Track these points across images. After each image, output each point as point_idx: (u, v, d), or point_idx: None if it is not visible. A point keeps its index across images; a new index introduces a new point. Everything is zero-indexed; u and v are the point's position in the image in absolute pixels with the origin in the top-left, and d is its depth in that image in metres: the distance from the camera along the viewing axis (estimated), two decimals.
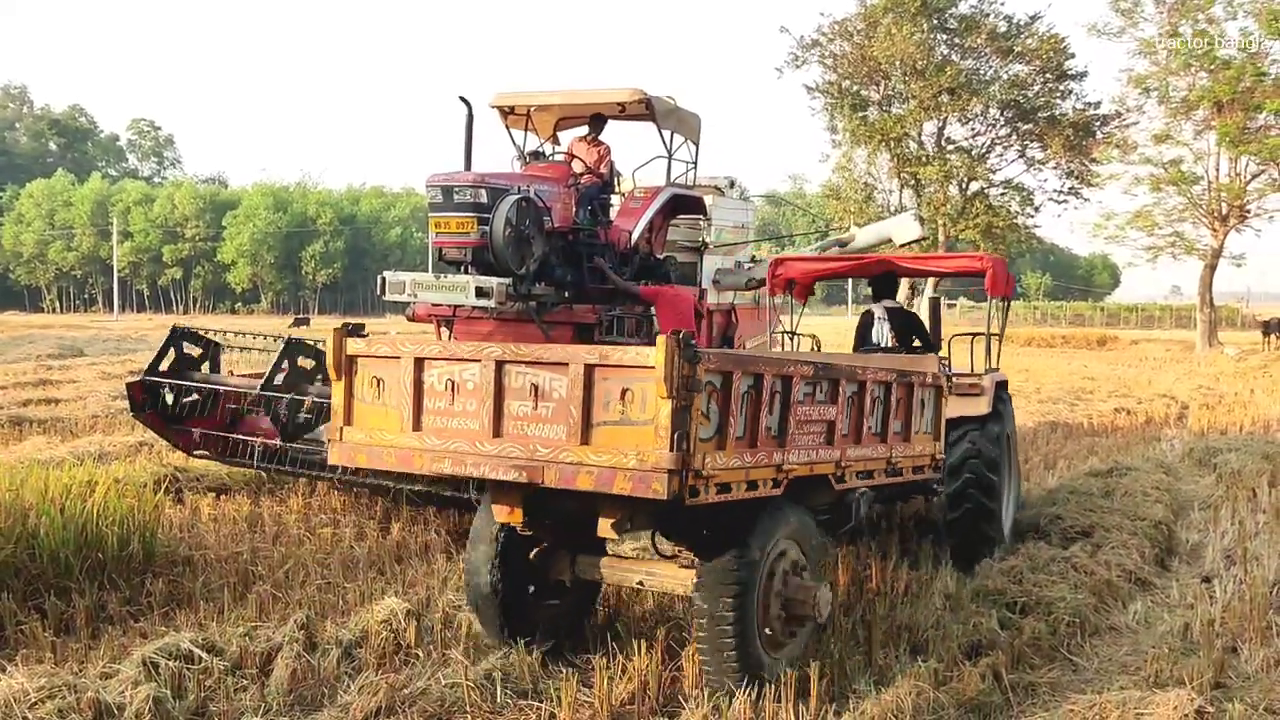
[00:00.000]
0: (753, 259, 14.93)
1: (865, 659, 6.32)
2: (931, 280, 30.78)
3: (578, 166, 11.88)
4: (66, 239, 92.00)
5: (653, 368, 4.86)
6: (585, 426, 5.08)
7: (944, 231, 41.71)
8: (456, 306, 10.93)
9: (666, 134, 12.12)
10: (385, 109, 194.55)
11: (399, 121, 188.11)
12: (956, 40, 41.83)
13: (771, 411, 5.39)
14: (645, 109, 11.69)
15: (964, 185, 42.98)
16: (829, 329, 10.78)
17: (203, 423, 9.97)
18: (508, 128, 12.45)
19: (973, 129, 43.18)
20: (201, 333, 10.48)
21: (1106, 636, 7.13)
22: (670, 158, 12.27)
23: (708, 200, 13.05)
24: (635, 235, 11.68)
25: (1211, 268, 43.53)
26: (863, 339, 9.76)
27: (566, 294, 11.18)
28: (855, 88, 42.63)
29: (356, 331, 5.72)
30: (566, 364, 5.14)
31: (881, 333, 9.57)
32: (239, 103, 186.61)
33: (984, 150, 43.15)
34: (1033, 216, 44.01)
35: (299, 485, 10.34)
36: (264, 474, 10.43)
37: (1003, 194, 43.61)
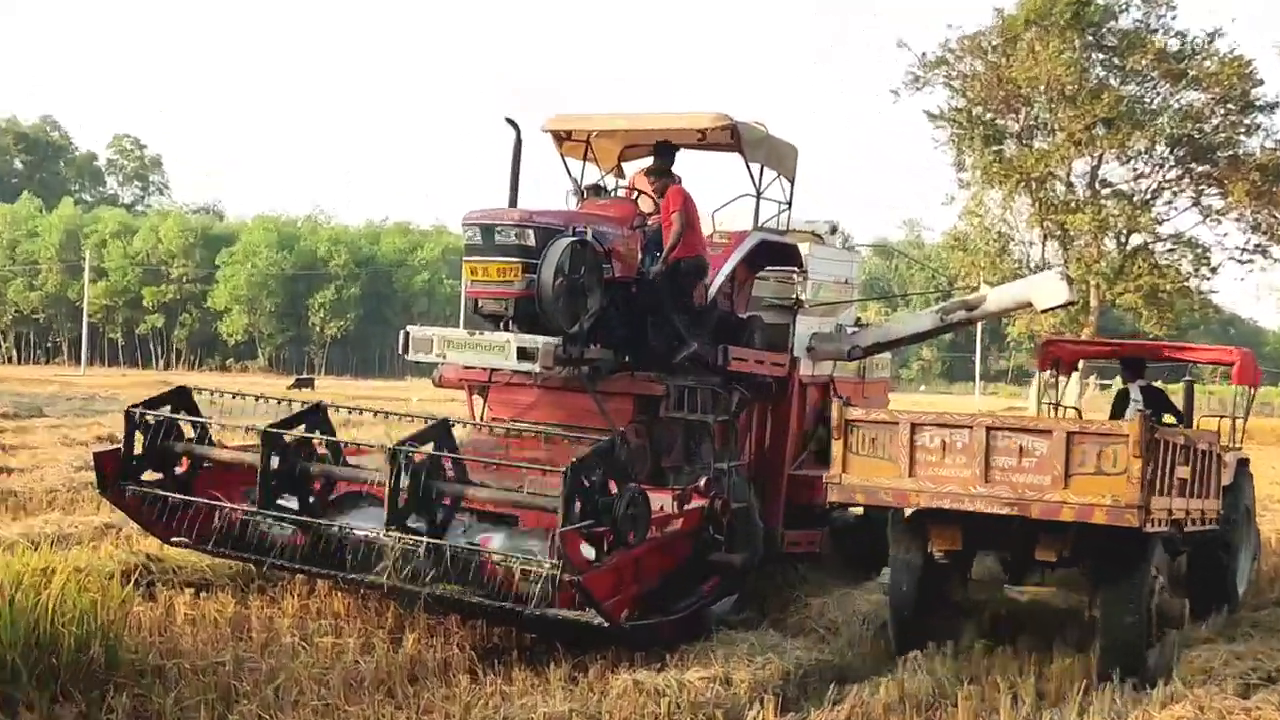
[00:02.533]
0: (857, 322, 14.91)
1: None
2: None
3: (645, 204, 11.99)
4: (29, 275, 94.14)
5: (1127, 435, 8.84)
6: (1066, 475, 8.93)
7: (1097, 295, 41.25)
8: (494, 370, 11.03)
9: (755, 168, 12.21)
10: (414, 132, 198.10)
11: (430, 147, 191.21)
12: (1116, 61, 41.72)
13: (1174, 469, 9.38)
14: (730, 137, 11.80)
15: (1122, 238, 42.60)
16: (957, 406, 10.92)
17: (182, 502, 10.10)
18: (563, 156, 12.63)
19: (1134, 169, 42.86)
20: (208, 395, 10.74)
21: None
22: (759, 196, 12.35)
23: (803, 249, 13.08)
24: (713, 289, 11.73)
25: None
26: (1117, 414, 12.94)
27: (627, 358, 11.23)
28: (989, 116, 42.61)
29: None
30: (1050, 431, 9.17)
31: (1133, 410, 12.40)
32: (240, 121, 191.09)
33: (1148, 196, 42.79)
34: (1209, 279, 43.48)
35: (295, 584, 10.42)
36: (253, 568, 10.54)
37: (1171, 250, 43.17)
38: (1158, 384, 13.90)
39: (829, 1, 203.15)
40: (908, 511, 10.27)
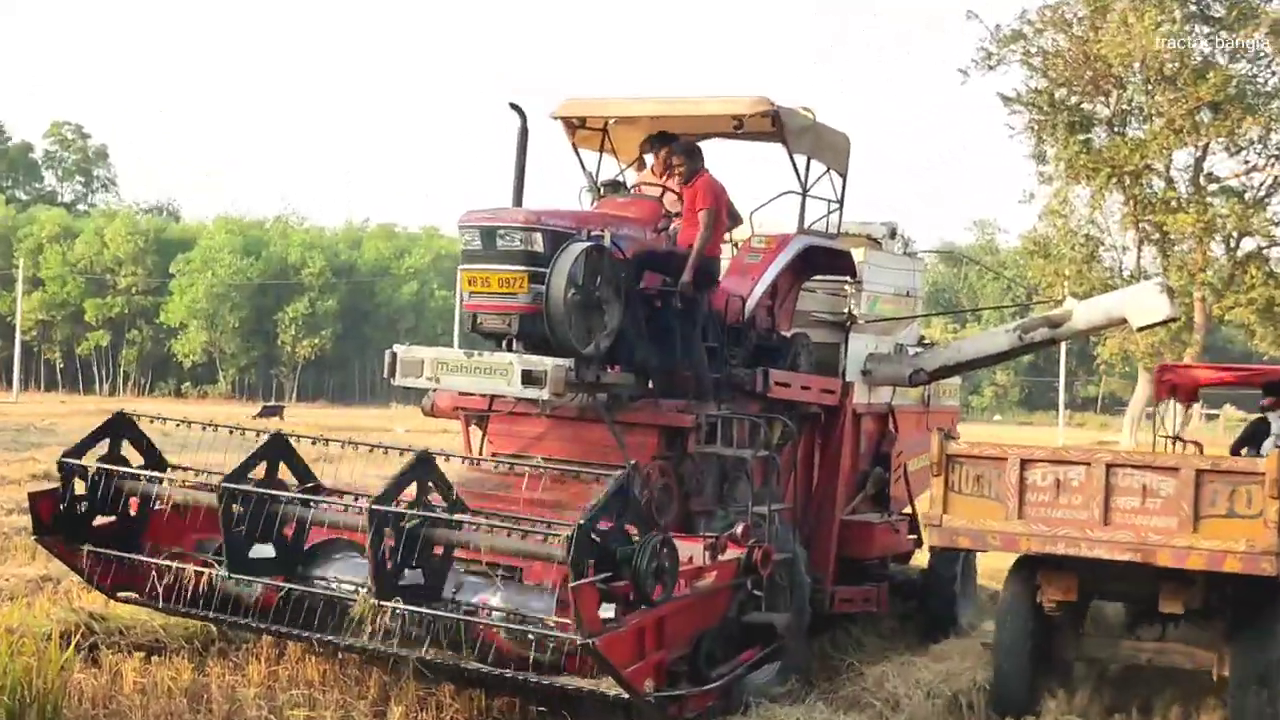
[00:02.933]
0: (921, 340, 14.91)
1: None
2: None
3: (671, 202, 12.02)
4: None
5: (1263, 474, 9.12)
6: (1195, 518, 9.25)
7: (1202, 310, 41.12)
8: (495, 397, 11.06)
9: (800, 160, 12.23)
10: (402, 124, 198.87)
11: (419, 139, 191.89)
12: (1223, 35, 41.67)
13: None
14: (771, 124, 11.83)
15: (1232, 242, 42.46)
16: (1038, 439, 10.99)
17: (130, 549, 10.14)
18: (576, 148, 12.71)
19: (1246, 161, 42.74)
20: (146, 421, 10.71)
21: None
22: (805, 194, 12.38)
23: (857, 256, 13.11)
24: (751, 302, 11.77)
25: None
26: (1245, 444, 13.26)
27: (650, 384, 11.25)
28: (1075, 99, 42.54)
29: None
30: (1177, 468, 9.47)
31: (1272, 444, 12.66)
32: (198, 108, 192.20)
33: (1263, 193, 42.66)
34: None
35: (261, 646, 10.44)
36: (213, 628, 10.56)
37: None
38: None
39: None
40: (1013, 558, 10.73)
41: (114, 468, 10.21)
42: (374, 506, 8.78)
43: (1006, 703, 10.37)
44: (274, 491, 9.60)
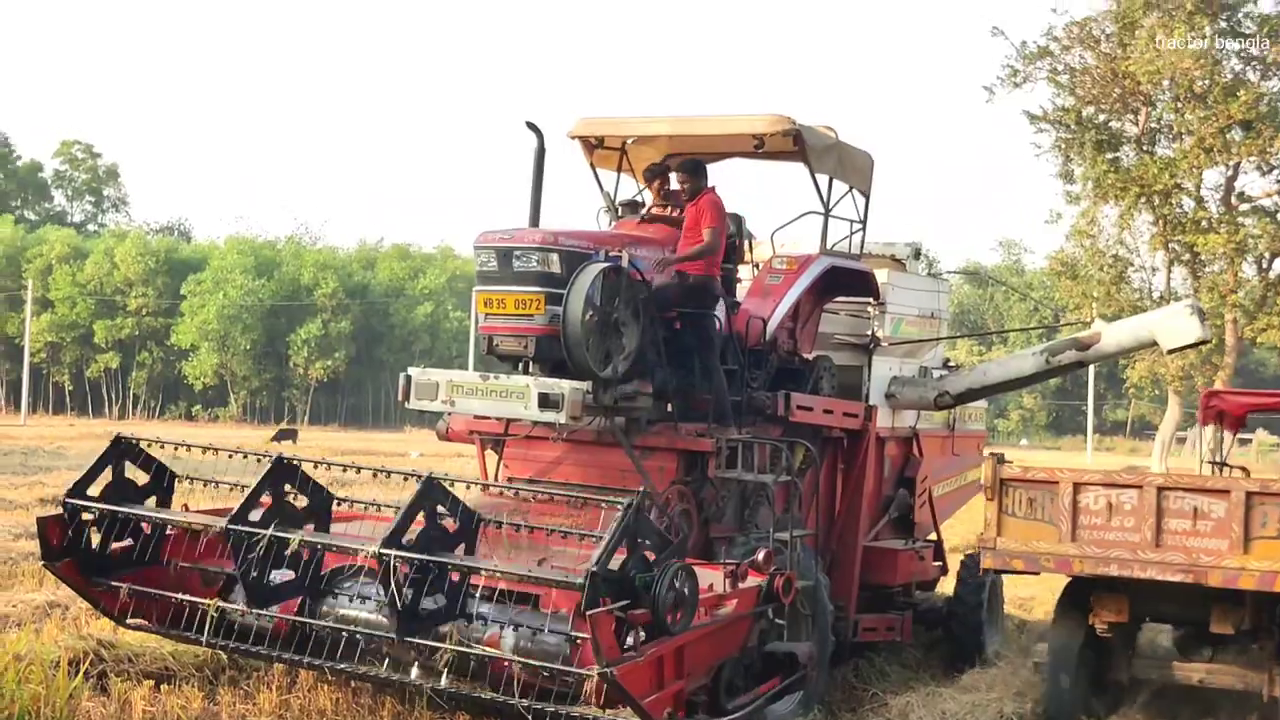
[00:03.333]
0: (946, 363, 14.89)
1: None
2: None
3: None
4: None
5: None
6: (1245, 539, 9.72)
7: (1233, 332, 41.03)
8: (511, 421, 11.06)
9: (823, 180, 12.25)
10: (415, 140, 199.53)
11: (434, 159, 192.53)
12: (1254, 52, 41.65)
13: None
14: (793, 143, 11.87)
15: (1264, 263, 42.38)
16: (1065, 464, 11.00)
17: (141, 575, 10.14)
18: (593, 167, 12.75)
19: (1278, 181, 42.71)
20: (148, 446, 10.68)
21: None
22: (827, 214, 12.40)
23: (881, 277, 13.11)
24: (773, 324, 11.77)
25: None
26: None
27: (670, 407, 11.25)
28: (1102, 117, 42.53)
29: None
30: (1228, 491, 9.93)
31: None
32: (210, 127, 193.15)
33: None
34: None
35: (273, 674, 10.44)
36: (223, 655, 10.56)
37: None
38: None
39: None
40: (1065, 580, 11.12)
41: (120, 509, 10.07)
42: (381, 550, 8.68)
43: None
44: (283, 534, 9.50)
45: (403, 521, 8.87)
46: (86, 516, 10.16)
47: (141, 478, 10.48)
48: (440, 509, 9.10)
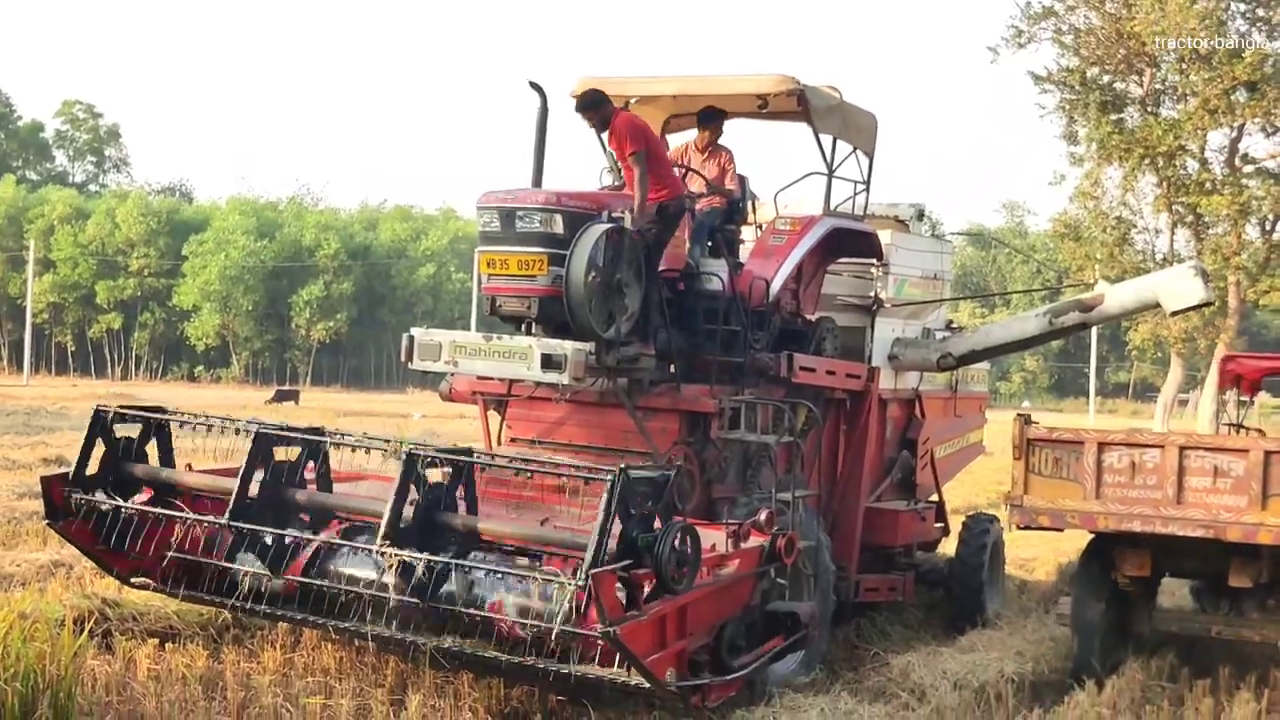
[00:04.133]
0: (949, 325, 14.89)
1: None
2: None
3: (693, 183, 12.02)
4: None
5: None
6: (1264, 496, 10.17)
7: (1237, 294, 41.00)
8: (514, 381, 11.08)
9: (826, 141, 12.23)
10: (418, 100, 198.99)
11: (438, 118, 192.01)
12: (1260, 12, 41.48)
13: None
14: (797, 103, 11.84)
15: (1268, 225, 42.31)
16: (1067, 426, 11.10)
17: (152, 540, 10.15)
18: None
19: None
20: (132, 412, 10.61)
21: None
22: (831, 175, 12.38)
23: (884, 238, 13.10)
24: (776, 285, 11.76)
25: None
26: None
27: (673, 367, 11.26)
28: (1107, 78, 42.38)
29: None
30: (1247, 450, 10.40)
31: None
32: (212, 87, 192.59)
33: None
34: None
35: (277, 633, 10.49)
36: (227, 614, 10.61)
37: None
38: None
39: None
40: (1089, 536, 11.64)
41: (124, 504, 10.08)
42: (382, 549, 8.81)
43: (1082, 672, 11.07)
44: (284, 532, 9.53)
45: (395, 508, 8.90)
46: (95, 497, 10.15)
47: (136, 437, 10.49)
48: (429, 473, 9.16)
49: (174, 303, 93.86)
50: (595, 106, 11.26)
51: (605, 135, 11.55)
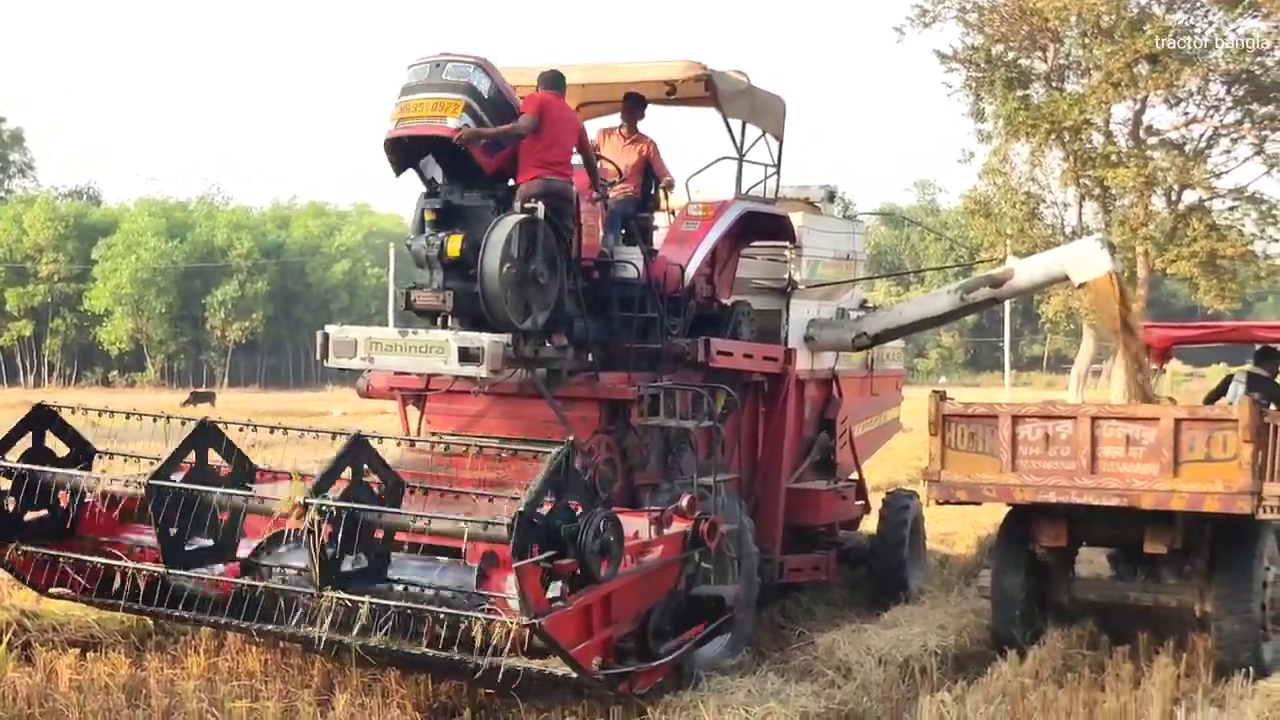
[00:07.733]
0: (863, 304, 14.99)
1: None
2: None
3: (608, 171, 12.03)
4: None
5: (1236, 420, 10.25)
6: (1175, 464, 10.34)
7: (1145, 264, 41.50)
8: (432, 376, 11.03)
9: (736, 125, 12.27)
10: (329, 95, 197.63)
11: (350, 114, 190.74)
12: None
13: None
14: (705, 89, 11.87)
15: (1173, 196, 42.81)
16: (984, 400, 11.30)
17: (60, 546, 10.02)
18: None
19: (1185, 114, 43.06)
20: (71, 412, 10.53)
21: None
22: (741, 159, 12.42)
23: (796, 220, 13.16)
24: (690, 270, 11.80)
25: None
26: (1217, 397, 14.06)
27: (590, 356, 11.26)
28: (1012, 55, 42.74)
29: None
30: (1157, 418, 10.58)
31: (1236, 394, 13.60)
32: (119, 87, 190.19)
33: (1202, 145, 43.01)
34: (1278, 241, 43.72)
35: (200, 639, 10.40)
36: (149, 621, 10.50)
37: (1231, 208, 43.35)
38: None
39: None
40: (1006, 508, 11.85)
41: (39, 468, 10.01)
42: (306, 500, 8.66)
43: (1003, 643, 11.33)
44: (203, 488, 9.46)
45: (328, 474, 8.84)
46: (4, 486, 10.04)
47: (61, 450, 10.38)
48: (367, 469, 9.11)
49: (85, 307, 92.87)
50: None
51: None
